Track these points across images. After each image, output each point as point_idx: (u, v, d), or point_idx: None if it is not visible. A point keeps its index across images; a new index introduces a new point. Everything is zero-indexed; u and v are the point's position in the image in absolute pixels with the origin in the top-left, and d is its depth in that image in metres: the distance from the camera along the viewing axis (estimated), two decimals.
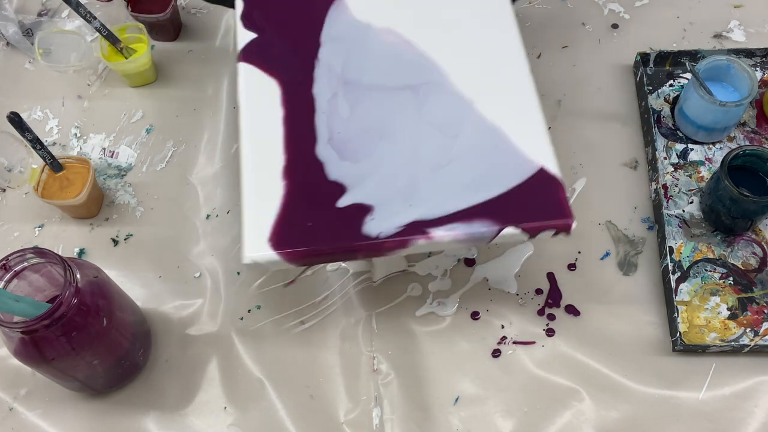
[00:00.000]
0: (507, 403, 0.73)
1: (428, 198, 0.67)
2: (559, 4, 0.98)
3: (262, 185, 0.68)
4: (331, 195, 0.67)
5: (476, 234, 0.64)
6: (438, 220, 0.65)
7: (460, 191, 0.67)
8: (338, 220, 0.66)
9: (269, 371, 0.75)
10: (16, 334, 0.62)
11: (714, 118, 0.82)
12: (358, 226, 0.65)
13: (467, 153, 0.69)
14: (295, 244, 0.64)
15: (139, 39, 0.90)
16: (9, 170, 0.81)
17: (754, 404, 0.73)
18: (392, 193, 0.67)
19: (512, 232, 0.65)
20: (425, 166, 0.68)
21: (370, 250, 0.65)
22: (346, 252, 0.65)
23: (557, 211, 0.66)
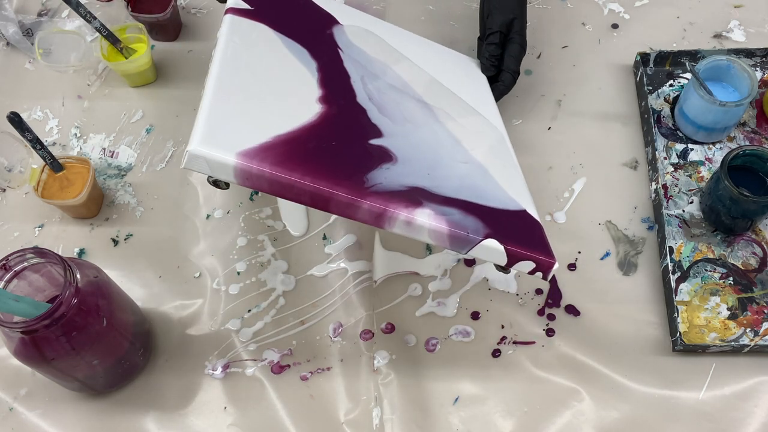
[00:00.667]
0: (507, 403, 0.73)
1: (445, 178, 0.66)
2: (559, 4, 0.98)
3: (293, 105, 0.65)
4: (365, 133, 0.66)
5: (461, 233, 0.62)
6: (440, 197, 0.63)
7: (469, 186, 0.67)
8: (357, 156, 0.63)
9: (269, 371, 0.75)
10: (16, 334, 0.62)
11: (714, 118, 0.82)
12: (368, 168, 0.62)
13: (477, 166, 0.70)
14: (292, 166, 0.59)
15: (139, 39, 0.90)
16: (9, 170, 0.81)
17: (754, 404, 0.73)
18: (419, 157, 0.66)
19: (494, 246, 0.63)
20: (447, 155, 0.69)
21: (347, 203, 0.60)
22: (325, 192, 0.59)
23: (543, 248, 0.65)
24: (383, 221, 0.61)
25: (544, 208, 0.83)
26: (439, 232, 0.62)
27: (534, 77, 0.92)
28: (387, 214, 0.60)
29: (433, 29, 0.94)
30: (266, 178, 0.58)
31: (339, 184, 0.59)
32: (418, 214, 0.61)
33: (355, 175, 0.62)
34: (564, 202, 0.84)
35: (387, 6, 0.98)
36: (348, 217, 0.61)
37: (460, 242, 0.62)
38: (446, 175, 0.67)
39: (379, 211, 0.60)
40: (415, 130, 0.71)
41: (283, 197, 0.60)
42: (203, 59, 0.94)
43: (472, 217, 0.64)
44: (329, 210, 0.60)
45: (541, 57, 0.93)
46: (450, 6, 0.98)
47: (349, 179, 0.61)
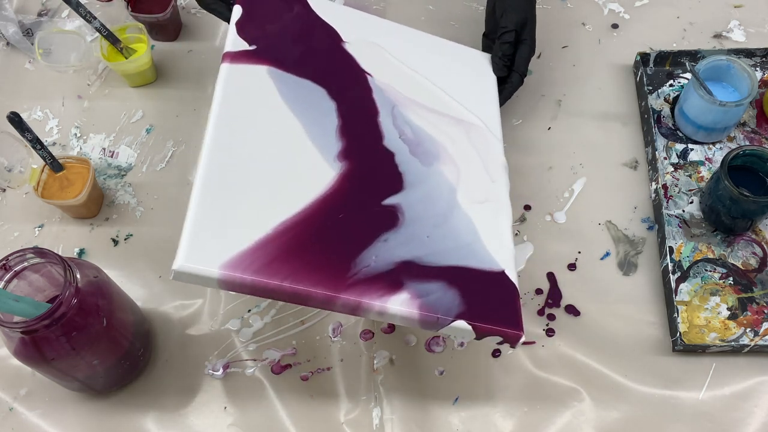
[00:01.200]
0: (507, 403, 0.73)
1: (442, 238, 0.68)
2: (559, 4, 0.98)
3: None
4: (382, 189, 0.68)
5: (431, 317, 0.63)
6: (429, 269, 0.65)
7: (461, 246, 0.68)
8: (358, 231, 0.65)
9: (269, 371, 0.75)
10: (16, 334, 0.62)
11: (714, 118, 0.82)
12: (364, 244, 0.65)
13: (467, 222, 0.71)
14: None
15: (139, 39, 0.90)
16: (9, 170, 0.81)
17: (754, 404, 0.73)
18: (427, 214, 0.68)
19: (463, 327, 0.64)
20: (446, 205, 0.70)
21: (324, 299, 0.62)
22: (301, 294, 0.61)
23: (512, 320, 0.66)
24: (358, 311, 0.63)
25: (544, 208, 0.83)
26: (410, 318, 0.63)
27: (534, 77, 0.92)
28: (361, 306, 0.62)
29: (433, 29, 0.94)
30: (247, 285, 0.60)
31: (318, 283, 0.61)
32: (391, 303, 0.63)
33: (342, 263, 0.63)
34: (564, 202, 0.84)
35: (387, 6, 0.98)
36: (327, 309, 0.63)
37: (430, 325, 0.64)
38: (443, 236, 0.68)
39: (353, 304, 0.62)
40: (431, 175, 0.71)
41: (266, 297, 0.62)
42: (203, 59, 0.94)
43: (451, 292, 0.65)
44: (307, 305, 0.63)
45: (541, 57, 0.93)
46: (450, 6, 0.98)
47: (331, 274, 0.62)
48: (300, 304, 0.62)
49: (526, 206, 0.83)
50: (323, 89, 0.72)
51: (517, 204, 0.83)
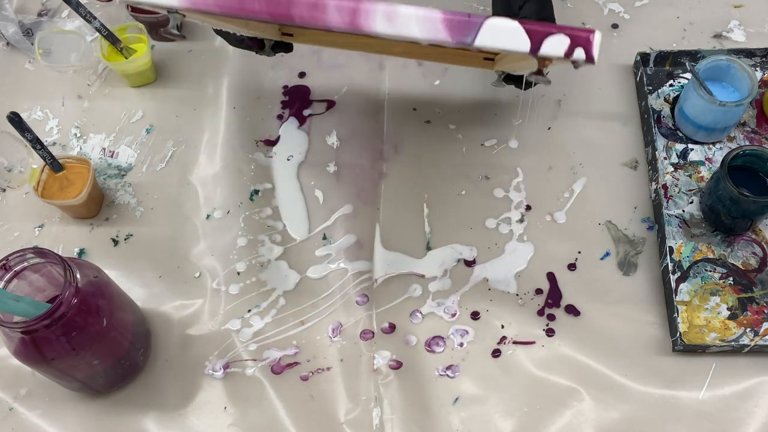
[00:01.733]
0: (507, 403, 0.73)
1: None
2: (559, 4, 0.98)
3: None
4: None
5: (459, 16, 0.49)
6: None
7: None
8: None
9: (269, 371, 0.75)
10: (16, 334, 0.62)
11: (714, 118, 0.82)
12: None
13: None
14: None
15: (139, 39, 0.90)
16: (9, 170, 0.81)
17: (754, 404, 0.73)
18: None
19: (507, 25, 0.48)
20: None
21: (311, 3, 0.47)
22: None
23: (575, 28, 0.50)
24: (358, 21, 0.48)
25: (544, 208, 0.83)
26: (430, 20, 0.49)
27: None
28: (361, 9, 0.48)
29: None
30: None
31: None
32: (397, 6, 0.48)
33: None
34: (564, 202, 0.84)
35: None
36: (316, 28, 0.49)
37: (460, 27, 0.49)
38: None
39: (350, 6, 0.48)
40: None
41: (235, 17, 0.48)
42: (203, 59, 0.94)
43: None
44: (292, 21, 0.48)
45: None
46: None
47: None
48: (282, 20, 0.48)
49: (526, 206, 0.83)
50: None
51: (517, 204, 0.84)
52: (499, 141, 0.88)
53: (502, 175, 0.85)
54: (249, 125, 0.89)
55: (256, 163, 0.87)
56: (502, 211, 0.83)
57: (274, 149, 0.88)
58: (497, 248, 0.81)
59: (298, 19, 0.48)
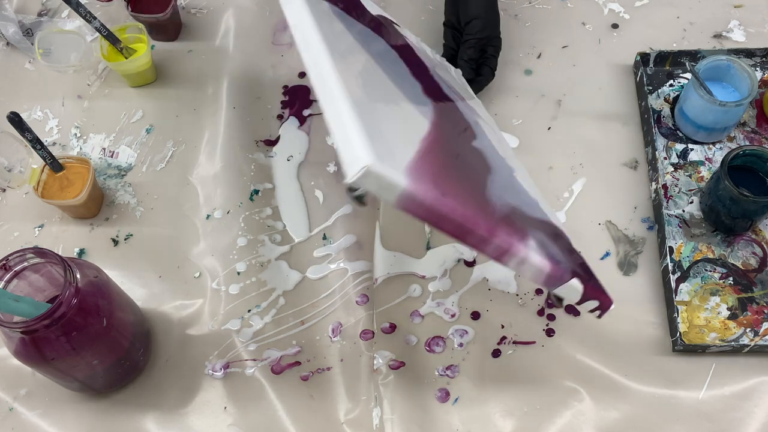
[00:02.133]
0: (507, 403, 0.73)
1: (519, 191, 0.65)
2: (559, 4, 0.98)
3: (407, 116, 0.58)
4: (465, 132, 0.63)
5: (559, 272, 0.58)
6: (531, 220, 0.61)
7: (529, 203, 0.65)
8: (473, 167, 0.59)
9: (269, 371, 0.75)
10: (16, 334, 0.62)
11: (714, 118, 0.82)
12: (483, 181, 0.58)
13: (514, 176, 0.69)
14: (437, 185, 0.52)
15: (139, 39, 0.90)
16: (9, 170, 0.81)
17: (754, 404, 0.73)
18: (498, 164, 0.66)
19: (575, 286, 0.60)
20: (500, 162, 0.68)
21: (482, 238, 0.54)
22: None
23: (597, 283, 0.64)
24: (504, 257, 0.57)
25: None
26: (540, 271, 0.58)
27: (534, 77, 0.92)
28: (511, 251, 0.56)
29: (433, 29, 0.94)
30: (426, 206, 0.52)
31: (478, 214, 0.54)
32: (531, 251, 0.56)
33: (482, 195, 0.57)
34: (564, 202, 0.84)
35: (387, 6, 0.98)
36: (475, 249, 0.56)
37: (553, 281, 0.59)
38: (518, 188, 0.65)
39: (504, 247, 0.56)
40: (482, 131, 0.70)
41: (431, 225, 0.54)
42: (203, 59, 0.94)
43: (556, 247, 0.60)
44: (463, 241, 0.55)
45: (541, 57, 0.93)
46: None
47: (481, 205, 0.56)
48: (457, 237, 0.54)
49: None
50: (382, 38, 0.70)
51: None
52: None
53: None
54: (249, 125, 0.89)
55: (256, 163, 0.87)
56: None
57: (274, 149, 0.88)
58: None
59: (467, 243, 0.55)
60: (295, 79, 0.93)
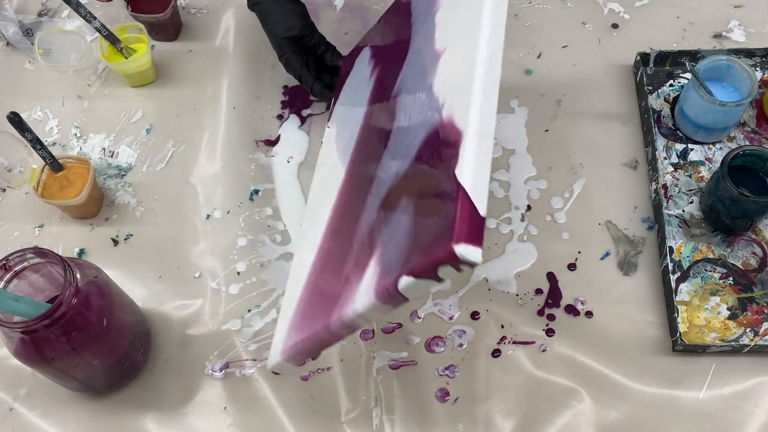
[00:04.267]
0: (507, 403, 0.73)
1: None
2: (559, 4, 0.98)
3: None
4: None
5: (383, 293, 0.54)
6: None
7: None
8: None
9: (269, 371, 0.75)
10: (16, 334, 0.62)
11: (714, 118, 0.82)
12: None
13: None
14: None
15: (139, 39, 0.90)
16: (9, 170, 0.81)
17: (754, 404, 0.73)
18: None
19: (407, 283, 0.52)
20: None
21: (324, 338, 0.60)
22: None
23: (443, 234, 0.49)
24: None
25: (544, 209, 0.83)
26: (372, 308, 0.55)
27: (534, 77, 0.92)
28: (331, 327, 0.58)
29: None
30: (290, 354, 0.63)
31: (316, 323, 0.60)
32: (357, 303, 0.55)
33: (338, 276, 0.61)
34: (564, 202, 0.84)
35: (387, 6, 0.98)
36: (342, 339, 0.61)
37: (389, 301, 0.54)
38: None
39: (343, 326, 0.58)
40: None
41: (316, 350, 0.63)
42: (203, 59, 0.94)
43: (404, 219, 0.54)
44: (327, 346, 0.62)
45: (541, 57, 0.93)
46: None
47: (328, 302, 0.61)
48: (333, 342, 0.61)
49: (526, 206, 0.83)
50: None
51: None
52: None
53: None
54: (249, 125, 0.89)
55: (256, 163, 0.87)
56: (503, 211, 0.83)
57: (275, 149, 0.88)
58: (497, 248, 0.81)
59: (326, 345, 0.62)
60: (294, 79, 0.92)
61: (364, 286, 0.54)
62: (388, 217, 0.57)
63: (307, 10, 0.84)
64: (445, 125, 0.54)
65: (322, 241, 0.69)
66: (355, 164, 0.72)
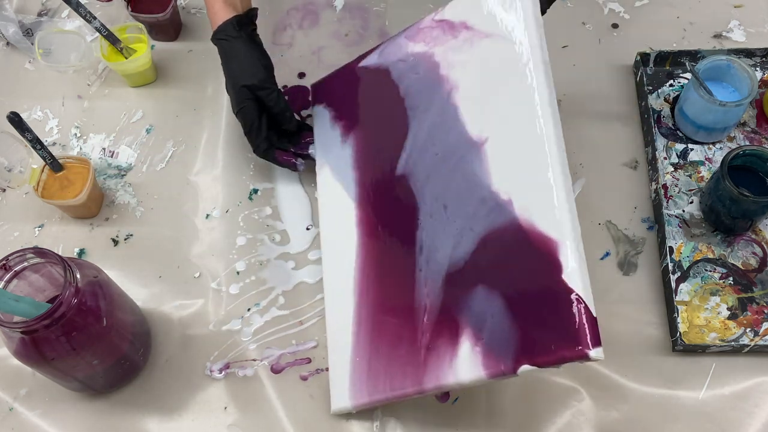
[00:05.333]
0: (507, 403, 0.73)
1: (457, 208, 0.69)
2: (559, 3, 0.98)
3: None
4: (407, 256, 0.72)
5: (497, 372, 0.62)
6: (466, 272, 0.67)
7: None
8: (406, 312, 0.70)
9: (269, 371, 0.75)
10: (16, 334, 0.62)
11: (714, 118, 0.82)
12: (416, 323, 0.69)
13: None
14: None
15: (139, 39, 0.90)
16: (9, 170, 0.81)
17: (754, 404, 0.73)
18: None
19: (527, 370, 0.61)
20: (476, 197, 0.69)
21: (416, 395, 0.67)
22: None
23: (570, 332, 0.60)
24: (444, 397, 0.73)
25: None
26: (481, 381, 0.63)
27: None
28: (443, 389, 0.66)
29: None
30: (367, 406, 0.71)
31: (405, 381, 0.67)
32: (461, 371, 0.63)
33: (409, 334, 0.68)
34: None
35: (387, 7, 0.98)
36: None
37: (499, 377, 0.62)
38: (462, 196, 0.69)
39: (438, 390, 0.66)
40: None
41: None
42: (203, 59, 0.94)
43: (499, 306, 0.62)
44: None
45: None
46: None
47: (409, 362, 0.68)
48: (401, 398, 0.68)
49: None
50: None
51: None
52: None
53: None
54: None
55: (255, 163, 0.87)
56: None
57: None
58: None
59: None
60: (294, 79, 0.93)
61: (463, 361, 0.63)
62: (466, 300, 0.65)
63: (272, 64, 0.80)
64: (525, 229, 0.62)
65: (358, 299, 0.74)
66: (372, 219, 0.75)
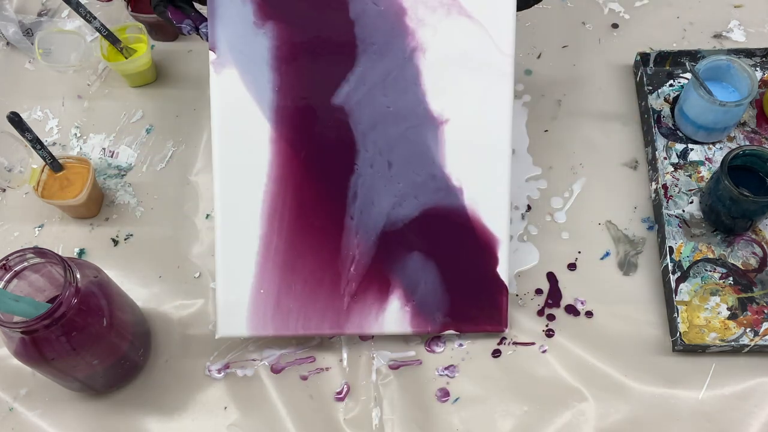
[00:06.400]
0: (507, 403, 0.73)
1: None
2: (559, 4, 0.98)
3: None
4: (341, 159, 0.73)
5: (423, 330, 0.74)
6: (405, 231, 0.72)
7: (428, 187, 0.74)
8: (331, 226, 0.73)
9: (269, 371, 0.75)
10: (16, 334, 0.62)
11: (714, 118, 0.82)
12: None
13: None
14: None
15: (139, 39, 0.90)
16: (9, 170, 0.81)
17: (754, 404, 0.73)
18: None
19: (449, 333, 0.76)
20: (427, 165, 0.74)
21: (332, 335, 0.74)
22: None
23: (494, 312, 0.75)
24: (365, 338, 0.77)
25: (544, 209, 0.83)
26: (404, 333, 0.74)
27: (534, 77, 0.92)
28: (364, 335, 0.75)
29: None
30: (261, 335, 0.73)
31: (323, 322, 0.73)
32: (386, 323, 0.73)
33: (332, 277, 0.72)
34: (564, 202, 0.84)
35: None
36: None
37: (422, 333, 0.75)
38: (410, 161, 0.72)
39: (357, 334, 0.74)
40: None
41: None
42: (203, 59, 0.94)
43: (432, 273, 0.73)
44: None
45: (541, 57, 0.93)
46: None
47: (329, 305, 0.73)
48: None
49: (526, 206, 0.83)
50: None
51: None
52: None
53: None
54: None
55: None
56: None
57: None
58: None
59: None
60: None
61: (391, 315, 0.73)
62: (400, 261, 0.72)
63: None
64: (471, 219, 0.72)
65: (268, 228, 0.72)
66: (294, 142, 0.72)
